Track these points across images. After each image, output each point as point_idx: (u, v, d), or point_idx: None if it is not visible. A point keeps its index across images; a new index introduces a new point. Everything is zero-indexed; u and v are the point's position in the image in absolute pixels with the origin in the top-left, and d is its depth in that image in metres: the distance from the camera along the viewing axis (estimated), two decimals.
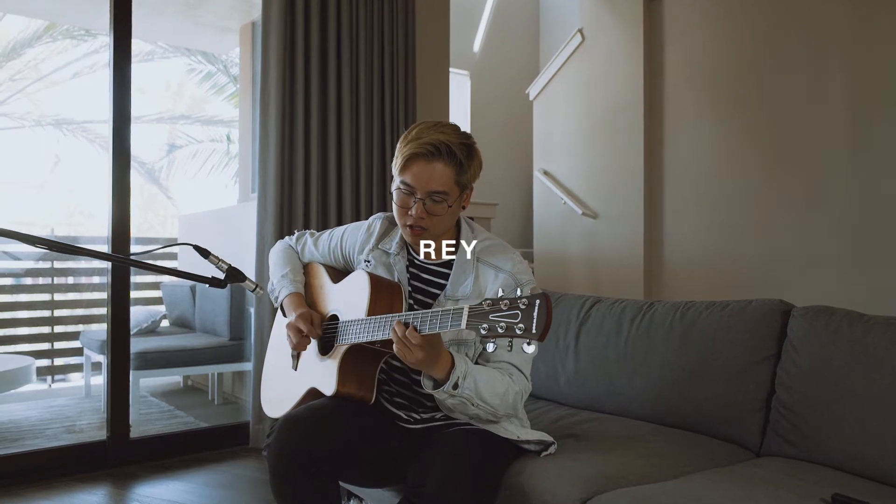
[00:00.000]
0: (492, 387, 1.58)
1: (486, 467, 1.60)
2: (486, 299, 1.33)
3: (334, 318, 1.77)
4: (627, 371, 2.18)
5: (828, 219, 3.70)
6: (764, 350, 1.94)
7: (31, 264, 5.47)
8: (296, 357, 1.85)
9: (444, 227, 1.69)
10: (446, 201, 1.63)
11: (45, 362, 5.33)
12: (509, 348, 1.31)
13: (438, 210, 1.63)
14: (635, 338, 2.20)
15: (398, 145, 1.66)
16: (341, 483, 1.84)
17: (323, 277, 1.92)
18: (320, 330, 1.78)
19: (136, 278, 5.91)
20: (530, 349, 1.27)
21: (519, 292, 1.30)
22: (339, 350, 1.68)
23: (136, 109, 3.11)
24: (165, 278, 5.54)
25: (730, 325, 2.01)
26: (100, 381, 4.55)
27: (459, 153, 1.62)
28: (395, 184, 1.66)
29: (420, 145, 1.60)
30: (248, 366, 4.00)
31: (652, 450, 1.80)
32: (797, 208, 3.84)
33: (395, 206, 1.68)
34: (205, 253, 1.65)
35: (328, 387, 1.68)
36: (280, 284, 1.92)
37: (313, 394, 1.74)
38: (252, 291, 1.75)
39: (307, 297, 1.92)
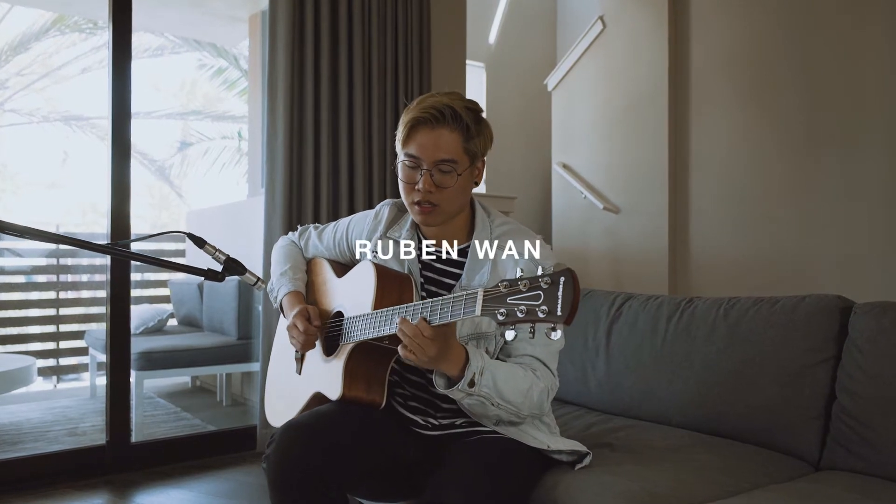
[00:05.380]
0: (513, 383, 1.41)
1: (514, 480, 1.42)
2: (504, 280, 1.17)
3: (340, 315, 1.60)
4: (665, 374, 1.99)
5: (867, 210, 3.49)
6: (822, 351, 1.74)
7: (35, 262, 5.32)
8: (299, 360, 1.69)
9: (455, 203, 1.53)
10: (455, 170, 1.49)
11: (50, 362, 5.19)
12: (531, 335, 1.14)
13: (447, 181, 1.49)
14: (674, 337, 2.01)
15: (400, 120, 1.54)
16: (350, 497, 1.66)
17: (327, 273, 1.75)
18: (319, 321, 1.61)
19: (144, 276, 5.76)
20: (556, 335, 1.10)
21: (540, 270, 1.13)
22: (345, 349, 1.51)
23: (147, 105, 2.97)
24: (173, 275, 5.39)
25: (781, 323, 1.82)
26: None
27: (466, 117, 1.49)
28: (400, 158, 1.54)
29: (423, 110, 1.48)
30: (256, 366, 3.84)
31: (700, 462, 1.61)
32: (833, 200, 3.62)
33: (400, 184, 1.55)
34: (200, 242, 1.49)
35: (333, 390, 1.50)
36: (278, 283, 1.77)
37: (318, 399, 1.57)
38: (253, 286, 1.59)
39: (311, 296, 1.76)
